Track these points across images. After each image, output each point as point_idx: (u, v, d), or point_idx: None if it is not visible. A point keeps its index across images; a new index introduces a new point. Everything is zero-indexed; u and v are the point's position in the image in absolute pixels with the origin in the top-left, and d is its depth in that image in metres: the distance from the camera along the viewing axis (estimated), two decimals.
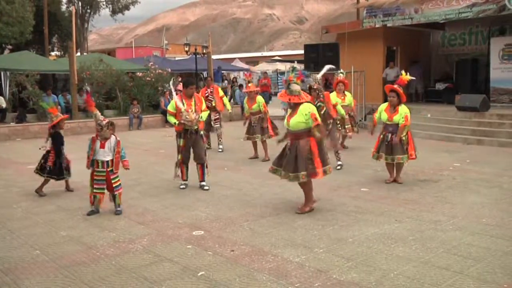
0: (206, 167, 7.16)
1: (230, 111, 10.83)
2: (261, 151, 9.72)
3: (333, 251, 4.50)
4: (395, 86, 7.21)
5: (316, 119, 5.48)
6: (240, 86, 21.02)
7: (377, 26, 15.41)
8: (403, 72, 7.41)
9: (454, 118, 12.77)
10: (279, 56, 37.94)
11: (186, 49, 23.11)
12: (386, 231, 5.05)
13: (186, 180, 7.23)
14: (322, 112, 7.81)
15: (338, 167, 8.29)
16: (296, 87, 5.60)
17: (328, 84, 21.19)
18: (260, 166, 8.98)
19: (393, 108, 7.15)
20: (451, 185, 7.16)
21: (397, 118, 7.08)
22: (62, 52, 29.90)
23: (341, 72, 10.49)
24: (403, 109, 7.10)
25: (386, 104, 7.29)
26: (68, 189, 7.23)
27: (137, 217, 5.74)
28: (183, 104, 6.83)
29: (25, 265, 4.34)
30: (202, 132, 7.11)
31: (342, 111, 8.66)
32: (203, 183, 7.13)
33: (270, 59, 35.29)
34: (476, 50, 16.15)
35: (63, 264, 4.32)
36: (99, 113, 5.96)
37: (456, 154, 9.86)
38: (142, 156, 10.43)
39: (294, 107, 5.66)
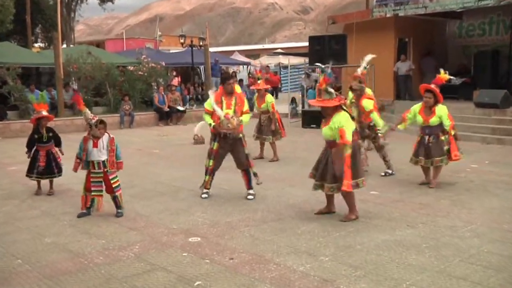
0: (255, 174, 6.72)
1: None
2: (270, 151, 9.80)
3: (340, 259, 4.50)
4: (432, 85, 7.11)
5: (342, 136, 5.35)
6: (240, 81, 21.01)
7: (387, 15, 15.42)
8: (441, 70, 7.27)
9: (472, 116, 12.76)
10: (281, 48, 37.91)
11: (182, 41, 23.12)
12: (398, 237, 5.05)
13: (209, 189, 6.86)
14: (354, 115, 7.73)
15: (382, 174, 8.02)
16: (333, 90, 5.49)
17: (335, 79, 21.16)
18: (263, 167, 8.97)
19: (429, 109, 7.07)
20: (469, 188, 7.16)
21: (434, 120, 7.02)
22: (46, 44, 29.96)
23: (365, 67, 10.38)
24: (441, 110, 7.00)
25: (420, 105, 7.22)
26: (49, 191, 7.27)
27: (128, 223, 5.74)
28: (221, 109, 6.44)
29: (5, 275, 4.33)
30: (241, 135, 6.64)
31: (380, 122, 7.73)
32: (251, 191, 6.74)
33: (272, 52, 35.27)
34: (497, 41, 16.11)
35: (47, 274, 4.32)
36: (89, 111, 5.98)
37: (474, 154, 9.85)
38: (134, 156, 10.44)
39: (329, 113, 5.52)
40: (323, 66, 5.84)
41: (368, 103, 7.75)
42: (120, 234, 5.35)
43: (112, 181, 5.94)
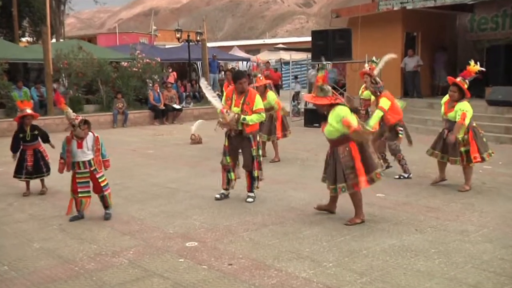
0: (258, 178, 6.74)
1: None
2: (271, 151, 9.89)
3: (344, 265, 4.50)
4: (459, 79, 7.10)
5: (349, 126, 5.39)
6: None
7: (395, 8, 15.41)
8: (471, 62, 7.19)
9: (484, 114, 12.75)
10: (283, 43, 37.97)
11: (178, 35, 23.12)
12: (405, 242, 5.05)
13: (228, 189, 6.88)
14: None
15: (397, 177, 7.96)
16: (328, 88, 5.63)
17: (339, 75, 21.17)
18: (264, 168, 8.97)
19: (452, 103, 7.11)
20: (481, 190, 7.16)
21: (452, 114, 7.06)
22: (34, 38, 29.86)
23: (373, 61, 10.44)
24: (461, 106, 6.98)
25: (447, 96, 7.27)
26: (41, 190, 7.36)
27: (122, 227, 5.74)
28: (231, 106, 6.55)
29: None
30: (250, 135, 6.63)
31: (372, 122, 7.27)
32: (251, 194, 6.76)
33: (273, 47, 35.34)
34: (511, 35, 16.08)
35: (35, 281, 4.31)
36: (71, 110, 6.04)
37: None
38: (128, 157, 10.44)
39: (327, 111, 5.61)
40: (324, 63, 5.90)
41: (384, 102, 7.58)
42: (113, 238, 5.35)
43: (100, 180, 5.98)
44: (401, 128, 7.78)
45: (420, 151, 7.90)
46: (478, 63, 7.18)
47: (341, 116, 5.45)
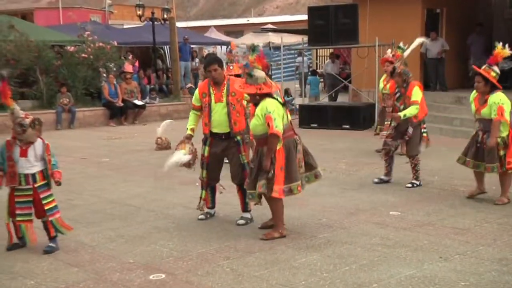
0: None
1: None
2: None
3: None
4: (484, 67, 7.22)
5: (270, 125, 5.77)
6: None
7: None
8: (499, 45, 7.25)
9: None
10: (272, 23, 38.04)
11: (139, 12, 23.08)
12: (427, 272, 5.08)
13: (212, 207, 6.96)
14: (402, 107, 8.08)
15: (409, 185, 8.27)
16: (259, 74, 5.97)
17: (342, 64, 21.31)
18: None
19: (482, 97, 7.22)
20: None
21: (486, 111, 7.14)
22: None
23: (399, 47, 10.56)
24: (494, 99, 7.08)
25: (476, 92, 7.40)
26: None
27: (67, 256, 5.71)
28: (210, 102, 6.59)
29: None
30: (238, 138, 6.63)
31: (412, 111, 8.02)
32: (245, 214, 6.75)
33: (260, 28, 35.38)
34: None
35: None
36: (18, 108, 5.90)
37: None
38: (76, 167, 10.38)
39: (258, 101, 6.02)
40: (255, 44, 6.37)
41: (417, 94, 8.01)
42: (56, 271, 5.31)
43: (44, 202, 5.78)
44: (425, 126, 8.00)
45: (444, 158, 7.97)
46: (506, 48, 7.25)
47: (266, 111, 5.83)
